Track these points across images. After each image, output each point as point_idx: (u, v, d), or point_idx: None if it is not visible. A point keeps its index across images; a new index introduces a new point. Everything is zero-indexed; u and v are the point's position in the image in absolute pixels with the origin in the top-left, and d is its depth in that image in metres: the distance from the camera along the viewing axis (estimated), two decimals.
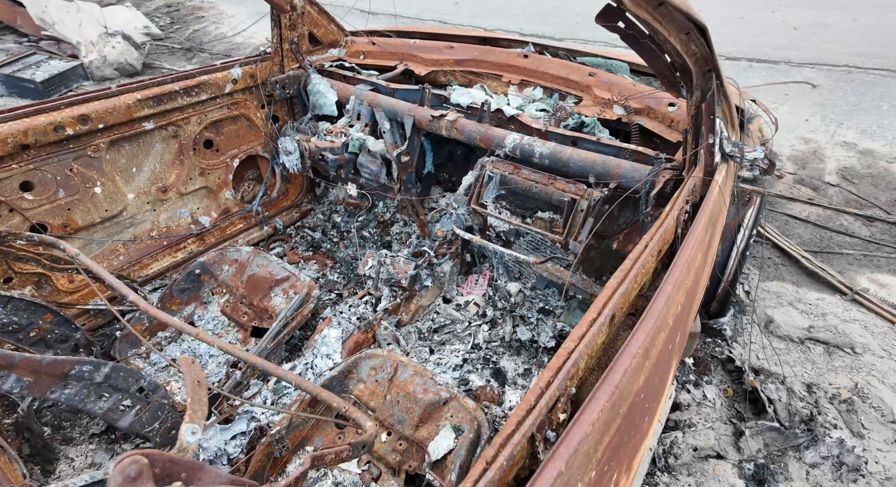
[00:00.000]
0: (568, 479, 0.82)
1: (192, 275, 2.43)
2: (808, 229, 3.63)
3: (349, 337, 2.27)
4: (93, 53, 6.29)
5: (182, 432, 0.71)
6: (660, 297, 1.12)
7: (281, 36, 2.73)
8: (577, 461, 0.84)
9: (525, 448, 0.90)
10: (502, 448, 0.83)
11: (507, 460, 0.81)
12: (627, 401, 1.01)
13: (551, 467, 0.79)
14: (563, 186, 2.04)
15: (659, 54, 1.37)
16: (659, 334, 1.12)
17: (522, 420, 0.87)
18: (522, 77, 2.73)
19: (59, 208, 2.15)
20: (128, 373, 1.62)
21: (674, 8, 1.21)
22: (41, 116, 1.97)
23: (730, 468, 2.01)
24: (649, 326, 1.05)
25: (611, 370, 0.95)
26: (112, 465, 0.63)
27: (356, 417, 1.14)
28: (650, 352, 1.08)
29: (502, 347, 2.47)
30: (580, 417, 0.87)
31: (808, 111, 5.22)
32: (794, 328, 2.73)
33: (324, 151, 2.58)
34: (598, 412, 0.89)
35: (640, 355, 1.02)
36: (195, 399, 0.80)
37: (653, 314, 1.08)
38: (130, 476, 0.64)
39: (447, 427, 1.78)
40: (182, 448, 0.69)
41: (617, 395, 0.94)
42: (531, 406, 0.90)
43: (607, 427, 0.94)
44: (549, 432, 0.93)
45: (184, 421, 0.74)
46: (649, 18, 1.24)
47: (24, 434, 1.90)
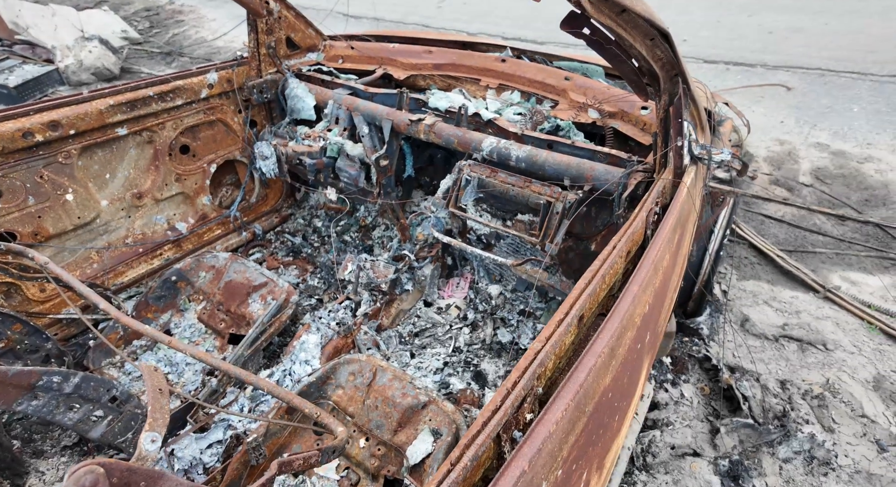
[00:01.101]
0: (532, 478, 0.83)
1: (168, 282, 2.40)
2: (783, 228, 3.71)
3: (328, 343, 2.26)
4: (69, 58, 6.18)
5: (141, 440, 0.70)
6: (626, 297, 1.14)
7: (258, 40, 2.72)
8: (541, 460, 0.85)
9: (492, 448, 0.91)
10: (467, 449, 0.84)
11: (471, 460, 0.82)
12: (594, 400, 1.02)
13: (514, 466, 0.80)
14: (538, 189, 2.06)
15: (625, 59, 1.40)
16: (625, 333, 1.14)
17: (488, 421, 0.88)
18: (500, 81, 2.76)
19: (29, 215, 2.11)
20: (99, 383, 1.59)
21: (636, 15, 1.24)
22: (9, 123, 1.93)
23: (706, 465, 2.04)
24: (615, 325, 1.07)
25: (576, 370, 0.96)
26: (66, 475, 0.62)
27: (328, 422, 1.13)
28: (616, 351, 1.09)
29: (483, 349, 2.48)
30: (544, 416, 0.88)
31: (783, 113, 5.35)
32: (768, 327, 2.78)
33: (301, 156, 2.57)
34: (562, 412, 0.90)
35: (605, 354, 1.03)
36: (156, 407, 0.79)
37: (618, 313, 1.10)
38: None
39: (425, 431, 1.78)
40: (142, 457, 0.69)
41: (582, 394, 0.96)
42: (497, 406, 0.90)
43: (573, 426, 0.95)
44: (515, 432, 0.94)
45: (144, 429, 0.73)
46: (613, 25, 1.26)
47: None
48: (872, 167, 4.26)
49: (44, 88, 5.86)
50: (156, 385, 0.86)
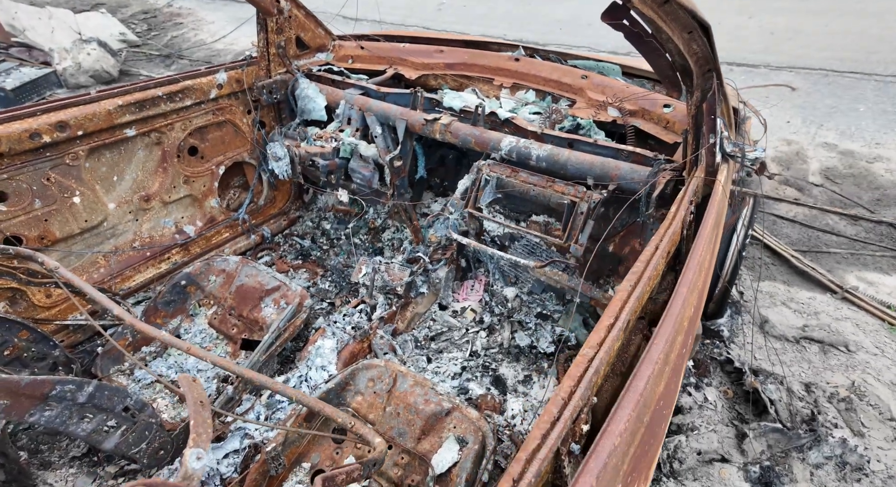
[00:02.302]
0: None
1: (177, 287, 2.33)
2: (795, 228, 3.68)
3: (344, 347, 2.20)
4: (67, 60, 6.10)
5: (186, 457, 0.65)
6: (676, 300, 1.09)
7: (267, 40, 2.66)
8: (606, 474, 0.79)
9: (550, 463, 0.85)
10: (528, 464, 0.78)
11: (535, 476, 0.76)
12: (650, 409, 0.97)
13: (582, 482, 0.75)
14: (562, 188, 2.01)
15: (662, 53, 1.36)
16: (676, 338, 1.09)
17: (548, 433, 0.82)
18: (514, 80, 2.71)
19: (36, 219, 2.04)
20: (112, 392, 1.52)
21: (679, 6, 1.20)
22: (15, 123, 1.87)
23: (735, 471, 1.99)
24: (668, 330, 1.02)
25: (634, 378, 0.91)
26: None
27: (363, 433, 1.08)
28: (669, 357, 1.04)
29: (501, 353, 2.43)
30: (607, 428, 0.83)
31: (789, 113, 5.33)
32: (788, 328, 2.74)
33: (314, 157, 2.51)
34: (624, 423, 0.84)
35: (661, 361, 0.98)
36: (198, 421, 0.73)
37: (671, 317, 1.05)
38: None
39: (450, 439, 1.72)
40: (187, 476, 0.63)
41: (642, 404, 0.90)
42: (555, 419, 0.85)
43: (633, 438, 0.89)
44: (573, 444, 0.88)
45: (188, 446, 0.67)
46: (654, 16, 1.21)
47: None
48: (882, 167, 4.24)
49: (41, 90, 5.78)
50: (196, 397, 0.80)
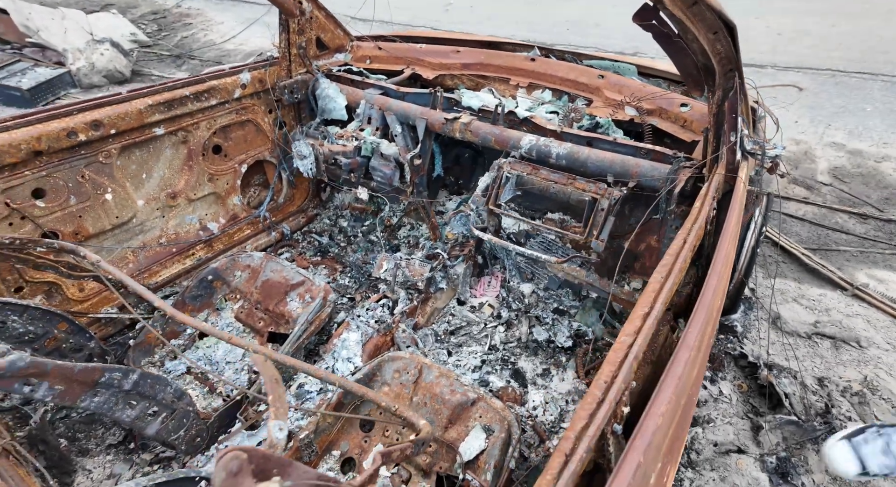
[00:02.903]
0: (645, 471, 0.83)
1: (204, 281, 2.39)
2: (804, 227, 3.72)
3: (369, 340, 2.25)
4: (80, 60, 6.18)
5: (270, 429, 0.70)
6: (707, 290, 1.14)
7: (289, 40, 2.72)
8: (650, 452, 0.85)
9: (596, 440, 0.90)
10: (578, 441, 0.83)
11: (586, 452, 0.81)
12: (686, 393, 1.02)
13: (630, 459, 0.80)
14: (582, 185, 2.06)
15: (688, 53, 1.41)
16: (707, 326, 1.14)
17: (595, 413, 0.87)
18: (530, 80, 2.76)
19: (71, 215, 2.10)
20: (155, 380, 1.58)
21: (707, 7, 1.25)
22: (54, 122, 1.93)
23: (752, 462, 2.04)
24: (702, 317, 1.07)
25: (673, 362, 0.96)
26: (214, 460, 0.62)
27: (408, 416, 1.13)
28: (702, 344, 1.09)
29: (519, 347, 2.48)
30: (651, 409, 0.88)
31: (797, 113, 5.37)
32: (800, 324, 2.78)
33: (337, 155, 2.57)
34: (665, 405, 0.90)
35: (695, 347, 1.03)
36: (276, 396, 0.79)
37: (703, 306, 1.10)
38: (232, 472, 0.63)
39: (477, 428, 1.78)
40: (272, 445, 0.68)
41: (680, 387, 0.95)
42: (600, 400, 0.90)
43: (672, 419, 0.94)
44: (615, 425, 0.94)
45: (270, 419, 0.72)
46: (682, 17, 1.27)
47: (38, 447, 1.84)
48: (890, 166, 4.28)
49: (56, 90, 5.85)
50: (271, 375, 0.86)
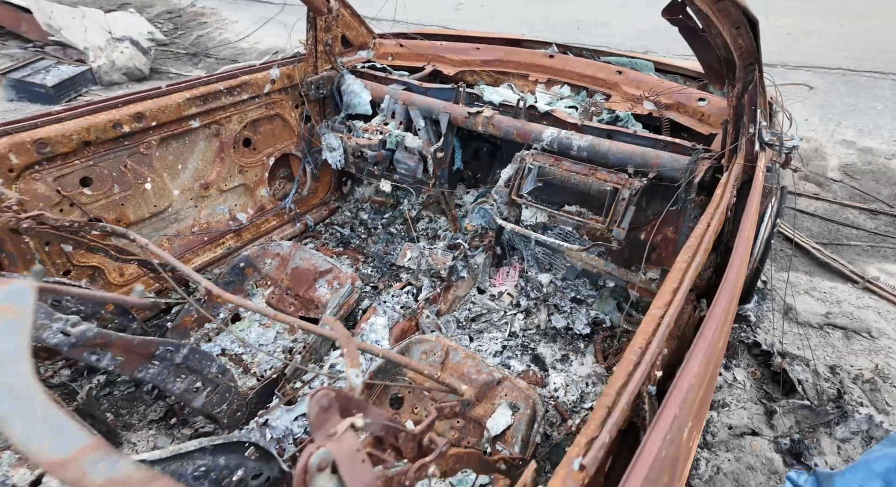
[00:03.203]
0: (680, 424, 0.91)
1: (236, 268, 2.49)
2: (815, 222, 3.78)
3: (395, 325, 2.34)
4: (101, 58, 6.31)
5: (349, 375, 0.79)
6: (731, 267, 1.22)
7: (316, 38, 2.82)
8: (684, 409, 0.93)
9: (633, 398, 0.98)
10: (619, 396, 0.92)
11: (627, 405, 0.90)
12: (713, 360, 1.10)
13: (668, 412, 0.88)
14: (604, 176, 2.14)
15: (712, 47, 1.49)
16: (732, 302, 1.22)
17: (633, 372, 0.96)
18: (549, 76, 2.85)
19: (114, 203, 2.21)
20: (202, 356, 1.68)
21: (732, 3, 1.33)
22: (102, 114, 2.03)
23: (766, 443, 2.11)
24: (728, 291, 1.15)
25: (704, 329, 1.04)
26: (308, 398, 0.71)
27: (451, 382, 1.22)
28: (728, 317, 1.17)
29: (538, 334, 2.56)
30: (685, 369, 0.96)
31: (807, 112, 5.41)
32: (812, 315, 2.85)
33: (363, 148, 2.66)
34: (698, 366, 0.98)
35: (722, 318, 1.11)
36: (350, 350, 0.88)
37: (729, 281, 1.18)
38: (324, 407, 0.72)
39: (503, 405, 1.86)
40: (351, 388, 0.77)
41: (709, 352, 1.04)
42: (637, 361, 0.98)
43: (702, 382, 1.03)
44: (649, 386, 1.02)
45: (347, 368, 0.81)
46: (709, 12, 1.35)
47: (86, 420, 1.95)
48: None
49: (78, 87, 5.99)
50: (343, 334, 0.95)
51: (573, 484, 0.78)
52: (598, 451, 0.82)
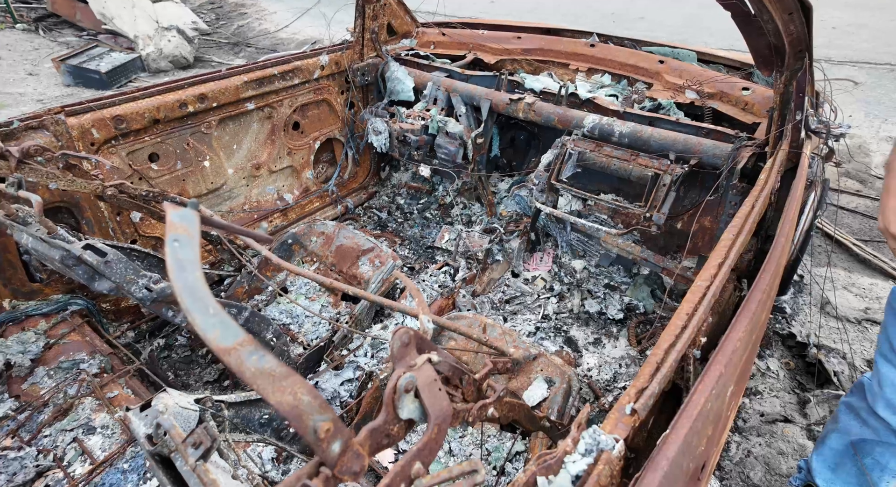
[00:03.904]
0: (724, 382, 0.97)
1: (284, 244, 2.63)
2: (856, 219, 3.71)
3: (433, 302, 2.44)
4: (150, 46, 6.59)
5: (421, 320, 0.89)
6: (776, 246, 1.26)
7: (363, 26, 2.92)
8: (730, 369, 0.99)
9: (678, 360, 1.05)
10: (667, 354, 0.99)
11: (675, 361, 0.96)
12: (755, 332, 1.15)
13: (714, 369, 0.95)
14: (645, 162, 2.18)
15: (763, 33, 1.51)
16: (774, 280, 1.27)
17: (680, 334, 1.02)
18: (590, 65, 2.88)
19: (176, 178, 2.36)
20: (261, 319, 1.81)
21: None
22: (170, 94, 2.18)
23: (798, 430, 2.13)
24: (772, 267, 1.20)
25: (748, 301, 1.09)
26: (391, 334, 0.81)
27: (499, 345, 1.30)
28: (771, 292, 1.22)
29: (571, 318, 2.62)
30: (730, 334, 1.02)
31: (851, 108, 5.26)
32: (850, 310, 2.82)
33: (407, 133, 2.76)
34: (742, 332, 1.04)
35: (766, 291, 1.16)
36: (420, 299, 0.97)
37: (773, 259, 1.22)
38: (405, 342, 0.81)
39: (539, 379, 1.94)
40: (424, 331, 0.87)
41: (753, 322, 1.09)
42: (684, 325, 1.05)
43: (745, 349, 1.08)
44: (695, 350, 1.08)
45: (420, 314, 0.91)
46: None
47: (149, 379, 2.11)
48: None
49: (129, 74, 6.28)
50: (411, 284, 1.04)
51: (624, 427, 0.86)
52: (648, 398, 0.89)
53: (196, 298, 0.54)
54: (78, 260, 1.44)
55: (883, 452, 1.50)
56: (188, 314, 0.53)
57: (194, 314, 0.53)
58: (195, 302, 0.53)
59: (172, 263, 0.55)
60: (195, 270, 0.56)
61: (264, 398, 0.53)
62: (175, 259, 0.55)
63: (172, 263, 0.55)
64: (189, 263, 0.55)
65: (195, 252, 0.57)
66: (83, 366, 1.83)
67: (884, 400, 1.42)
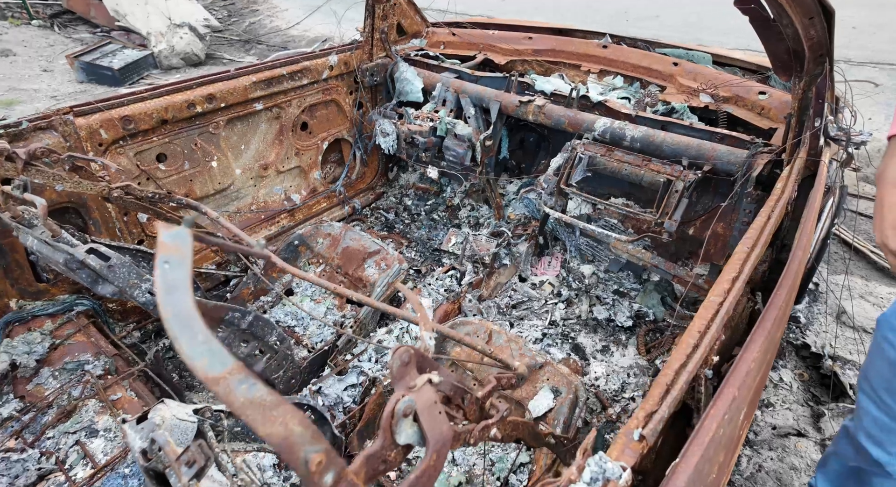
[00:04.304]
0: (738, 406, 0.93)
1: (290, 246, 2.62)
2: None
3: (439, 306, 2.41)
4: (162, 43, 6.63)
5: (423, 337, 0.86)
6: (794, 259, 1.22)
7: (373, 25, 2.89)
8: (743, 391, 0.95)
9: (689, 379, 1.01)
10: (678, 375, 0.95)
11: (686, 382, 0.93)
12: (770, 351, 1.11)
13: (727, 392, 0.91)
14: (658, 167, 2.13)
15: (782, 37, 1.46)
16: (790, 296, 1.22)
17: (691, 354, 0.99)
18: (602, 66, 2.83)
19: (184, 178, 2.36)
20: (265, 323, 1.79)
21: None
22: (178, 95, 2.17)
23: (811, 445, 2.08)
24: (788, 283, 1.15)
25: (764, 317, 1.05)
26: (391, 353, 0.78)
27: (503, 357, 1.27)
28: (787, 308, 1.18)
29: (579, 324, 2.58)
30: (744, 354, 0.98)
31: (871, 110, 5.13)
32: (867, 320, 2.75)
33: (415, 134, 2.73)
34: (756, 352, 1.00)
35: (782, 308, 1.12)
36: (423, 314, 0.95)
37: (789, 275, 1.18)
38: (404, 361, 0.79)
39: (545, 388, 1.90)
40: (426, 349, 0.84)
41: (768, 341, 1.05)
42: (696, 344, 1.01)
43: (759, 369, 1.04)
44: (706, 370, 1.04)
45: (421, 330, 0.88)
46: (783, 1, 1.33)
47: (154, 379, 2.11)
48: None
49: (141, 70, 6.32)
50: (414, 298, 1.02)
51: (632, 453, 0.83)
52: (657, 423, 0.86)
53: (184, 324, 0.51)
54: (81, 264, 1.43)
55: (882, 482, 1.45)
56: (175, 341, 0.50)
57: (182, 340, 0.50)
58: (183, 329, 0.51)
59: (161, 285, 0.53)
60: (185, 293, 0.54)
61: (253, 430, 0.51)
62: (164, 282, 0.53)
63: (161, 285, 0.53)
64: (179, 286, 0.53)
65: (186, 274, 0.55)
66: (88, 367, 1.84)
67: (863, 431, 1.39)
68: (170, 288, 0.53)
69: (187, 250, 0.57)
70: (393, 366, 0.79)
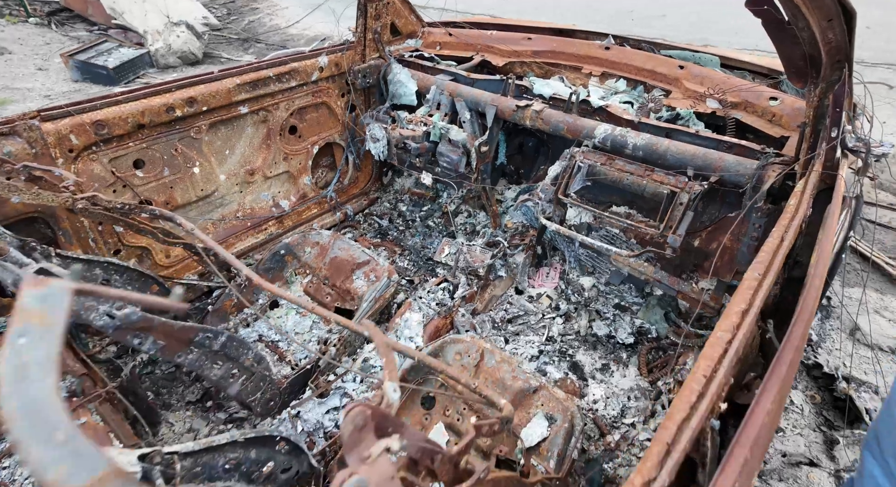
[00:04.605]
0: (750, 469, 0.81)
1: (276, 255, 2.50)
2: (890, 234, 3.47)
3: (429, 322, 2.30)
4: (158, 42, 6.54)
5: (386, 389, 0.74)
6: (809, 292, 1.09)
7: (365, 25, 2.77)
8: (756, 449, 0.83)
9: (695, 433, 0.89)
10: (680, 432, 0.83)
11: (689, 442, 0.81)
12: (784, 393, 0.99)
13: (738, 453, 0.79)
14: (661, 178, 2.00)
15: (798, 42, 1.33)
16: (807, 327, 1.09)
17: (696, 405, 0.86)
18: (604, 69, 2.70)
19: (164, 185, 2.25)
20: (240, 344, 1.68)
21: None
22: (156, 98, 2.06)
23: (825, 476, 1.95)
24: (805, 316, 1.03)
25: (777, 361, 0.93)
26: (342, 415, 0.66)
27: (489, 394, 1.15)
28: (801, 345, 1.05)
29: (577, 341, 2.46)
30: (757, 407, 0.86)
31: (885, 113, 4.96)
32: (882, 337, 2.61)
33: (407, 140, 2.61)
34: (770, 403, 0.87)
35: (797, 348, 1.00)
36: (388, 360, 0.83)
37: (805, 309, 1.05)
38: (358, 426, 0.67)
39: (539, 415, 1.78)
40: (389, 404, 0.72)
41: (783, 384, 0.93)
42: (701, 392, 0.89)
43: (772, 420, 0.92)
44: (713, 420, 0.92)
45: (385, 380, 0.76)
46: (800, 2, 1.20)
47: (129, 398, 2.01)
48: None
49: (136, 69, 6.23)
50: (381, 340, 0.90)
51: None
52: None
53: (36, 421, 0.40)
54: None
55: None
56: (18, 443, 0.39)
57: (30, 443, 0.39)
58: (34, 428, 0.39)
59: (8, 370, 0.41)
60: (46, 378, 0.42)
61: None
62: (13, 365, 0.41)
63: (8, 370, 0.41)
64: (35, 370, 0.41)
65: (52, 350, 0.43)
66: None
67: None
68: (22, 372, 0.41)
69: (59, 315, 0.45)
70: (344, 432, 0.67)
